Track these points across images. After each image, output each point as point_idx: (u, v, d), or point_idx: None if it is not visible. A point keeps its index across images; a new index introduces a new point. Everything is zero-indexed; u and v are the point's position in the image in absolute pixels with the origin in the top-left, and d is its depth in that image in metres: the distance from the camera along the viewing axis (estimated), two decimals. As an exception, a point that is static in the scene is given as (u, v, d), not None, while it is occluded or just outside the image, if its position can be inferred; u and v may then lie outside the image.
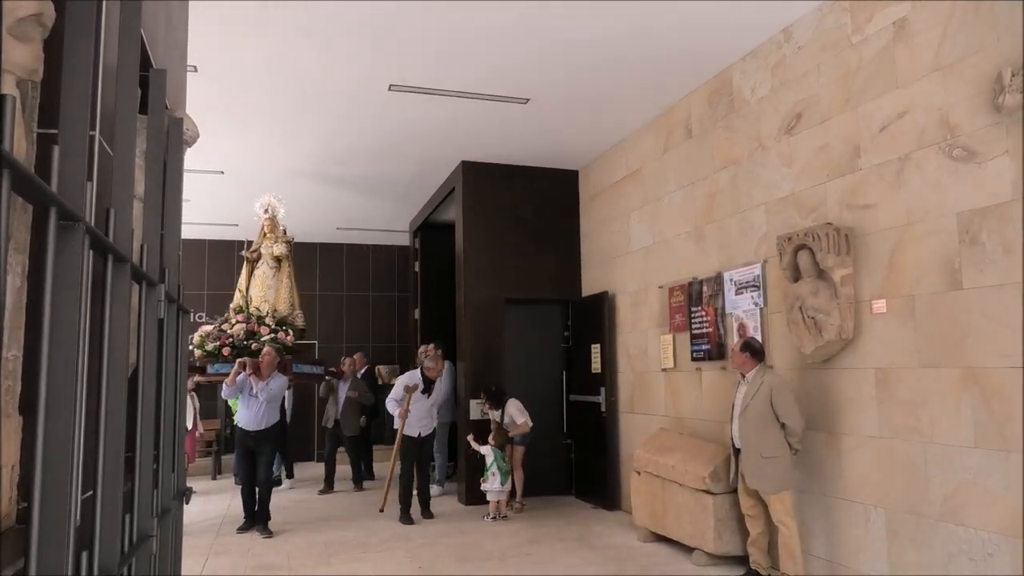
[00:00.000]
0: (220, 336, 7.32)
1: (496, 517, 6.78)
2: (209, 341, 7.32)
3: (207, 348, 7.31)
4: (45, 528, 0.93)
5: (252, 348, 7.15)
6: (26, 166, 0.82)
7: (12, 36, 1.30)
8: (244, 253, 8.07)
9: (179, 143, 2.10)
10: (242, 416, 6.57)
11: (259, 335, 7.36)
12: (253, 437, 6.54)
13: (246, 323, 7.44)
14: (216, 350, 7.27)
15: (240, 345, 7.23)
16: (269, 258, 7.97)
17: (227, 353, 7.22)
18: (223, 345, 7.22)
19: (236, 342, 7.25)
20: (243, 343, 7.25)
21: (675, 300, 6.24)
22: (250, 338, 7.31)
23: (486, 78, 5.78)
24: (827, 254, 4.35)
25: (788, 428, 4.40)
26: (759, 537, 4.65)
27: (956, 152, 3.75)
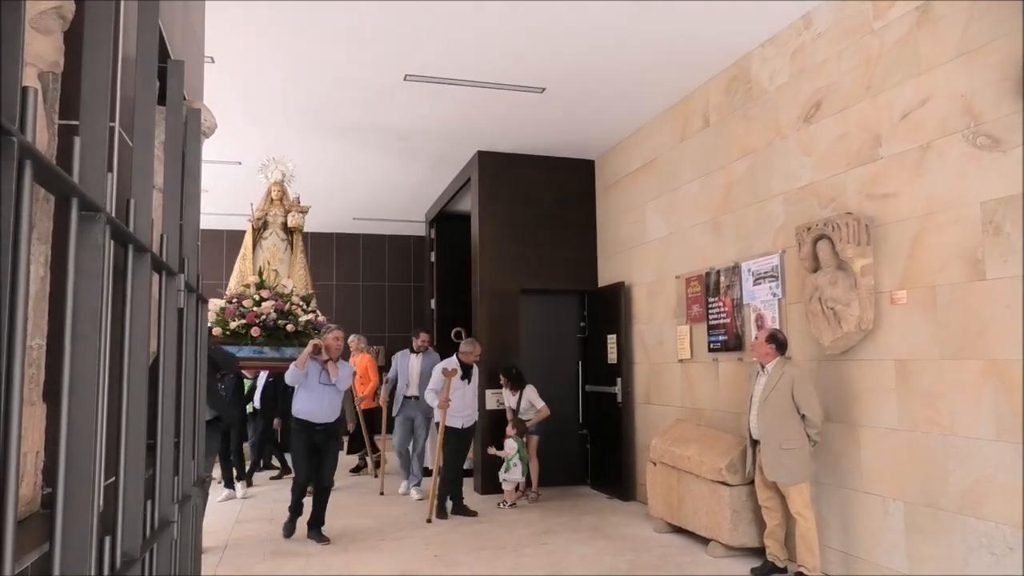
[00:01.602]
0: (246, 314, 6.31)
1: (514, 504, 6.84)
2: (233, 319, 6.33)
3: (232, 327, 6.34)
4: (69, 513, 0.95)
5: (288, 330, 6.31)
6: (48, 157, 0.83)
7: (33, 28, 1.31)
8: (249, 219, 7.15)
9: (197, 134, 2.11)
10: (306, 407, 5.71)
11: (294, 315, 6.41)
12: (321, 431, 5.73)
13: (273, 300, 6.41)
14: (243, 330, 6.30)
15: (271, 326, 6.30)
16: (279, 229, 7.05)
17: (256, 334, 6.31)
18: (251, 325, 6.25)
19: (268, 322, 6.28)
20: (276, 324, 6.31)
21: (692, 291, 6.21)
22: (283, 318, 6.35)
23: (502, 67, 5.76)
24: (847, 244, 4.31)
25: (808, 420, 4.38)
26: (776, 529, 4.64)
27: (980, 140, 3.69)
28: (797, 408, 4.39)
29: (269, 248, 7.04)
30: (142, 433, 1.36)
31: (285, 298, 6.52)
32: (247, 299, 6.38)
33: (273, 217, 7.07)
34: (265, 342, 6.37)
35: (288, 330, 6.33)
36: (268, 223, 7.07)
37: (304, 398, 5.74)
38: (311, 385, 5.71)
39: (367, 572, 4.85)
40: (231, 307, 6.36)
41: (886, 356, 4.22)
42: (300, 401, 5.75)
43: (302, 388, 5.74)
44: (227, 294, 6.57)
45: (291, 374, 5.66)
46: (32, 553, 1.25)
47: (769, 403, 4.46)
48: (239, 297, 6.43)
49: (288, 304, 6.46)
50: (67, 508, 0.94)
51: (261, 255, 6.97)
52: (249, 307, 6.34)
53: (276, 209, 7.08)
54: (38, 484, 1.39)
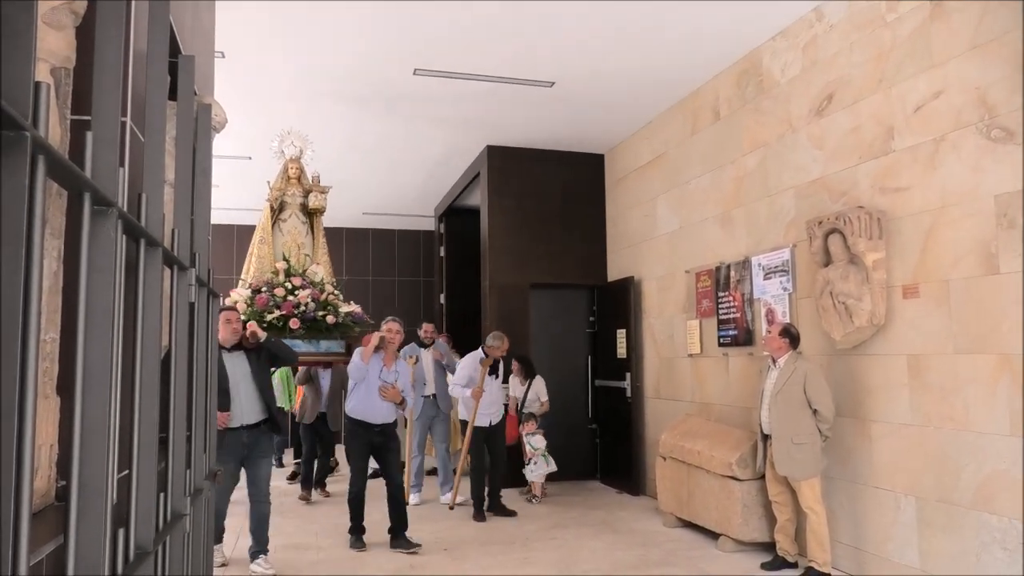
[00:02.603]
0: (280, 304, 5.65)
1: (540, 498, 6.85)
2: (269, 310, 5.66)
3: (269, 319, 5.68)
4: (83, 506, 0.96)
5: (328, 322, 5.73)
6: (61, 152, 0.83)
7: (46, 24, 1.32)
8: (267, 198, 6.46)
9: (208, 129, 2.12)
10: (364, 406, 5.23)
11: (334, 306, 5.81)
12: (379, 432, 5.26)
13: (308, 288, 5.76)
14: (280, 322, 5.63)
15: (311, 317, 5.68)
16: (298, 210, 6.39)
17: (296, 326, 5.72)
18: (289, 316, 5.59)
19: (307, 313, 5.64)
20: (315, 315, 5.69)
21: (702, 285, 6.19)
22: (323, 309, 5.73)
23: (511, 62, 5.74)
24: (858, 238, 4.28)
25: (820, 414, 4.36)
26: (786, 524, 4.63)
27: (994, 133, 3.65)
28: (809, 403, 4.37)
29: (289, 231, 6.36)
30: (154, 426, 1.37)
31: (318, 286, 5.91)
32: (278, 287, 5.72)
33: (291, 197, 6.39)
34: (304, 336, 5.76)
35: (328, 322, 5.71)
36: (286, 204, 6.38)
37: (361, 397, 5.23)
38: (371, 383, 5.22)
39: (377, 565, 4.87)
40: (263, 296, 5.62)
41: (898, 351, 4.20)
42: (357, 400, 5.25)
43: (359, 387, 5.24)
44: (252, 282, 5.86)
45: (355, 370, 5.18)
46: (47, 545, 1.26)
47: (781, 398, 4.45)
48: (269, 285, 5.75)
49: (324, 293, 5.85)
50: (81, 501, 0.95)
51: (280, 239, 6.30)
52: (282, 296, 5.67)
53: (294, 189, 6.42)
54: (52, 477, 1.41)
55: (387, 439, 5.31)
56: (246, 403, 4.60)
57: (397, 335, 5.34)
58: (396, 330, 5.35)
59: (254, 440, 4.67)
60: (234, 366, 4.63)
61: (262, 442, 4.73)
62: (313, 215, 6.50)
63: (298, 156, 6.48)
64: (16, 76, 0.73)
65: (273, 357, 4.85)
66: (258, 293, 5.65)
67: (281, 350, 4.88)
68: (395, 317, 5.47)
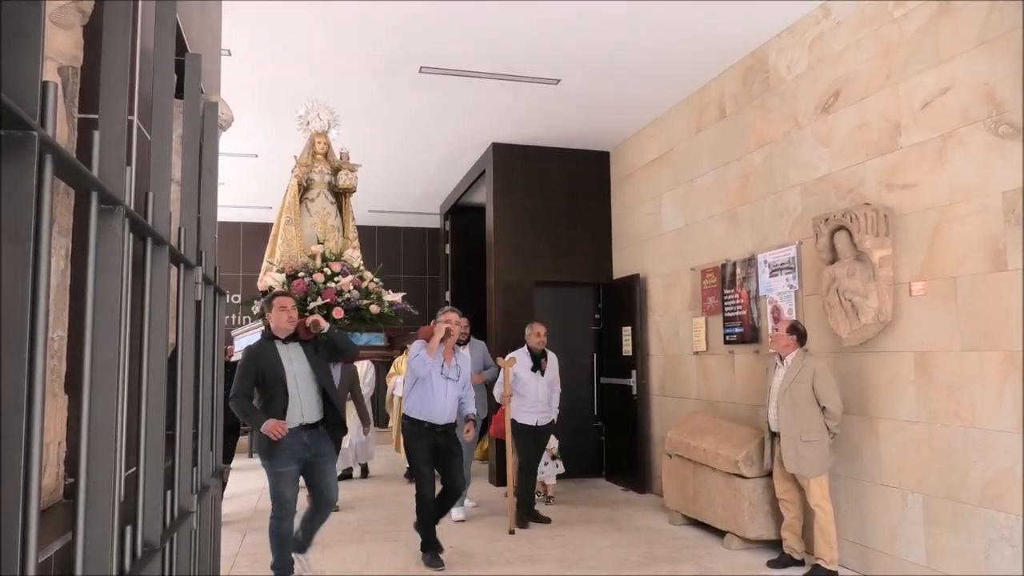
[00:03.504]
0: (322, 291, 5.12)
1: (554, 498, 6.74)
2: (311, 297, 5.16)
3: (311, 308, 5.21)
4: (91, 503, 0.96)
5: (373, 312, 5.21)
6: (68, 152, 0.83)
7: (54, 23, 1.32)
8: (293, 172, 5.79)
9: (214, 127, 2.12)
10: (425, 405, 4.80)
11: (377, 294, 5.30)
12: (443, 432, 4.85)
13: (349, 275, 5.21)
14: (325, 311, 5.08)
15: (354, 306, 5.15)
16: (326, 190, 5.79)
17: (339, 316, 5.29)
18: (332, 305, 5.02)
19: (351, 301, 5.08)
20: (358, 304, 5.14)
21: (707, 283, 6.18)
22: (366, 297, 5.22)
23: (517, 59, 5.74)
24: (865, 235, 4.26)
25: (828, 412, 4.35)
26: (793, 521, 4.62)
27: (1002, 129, 3.63)
28: (817, 400, 4.36)
29: (318, 212, 5.75)
30: (161, 424, 1.37)
31: (357, 272, 5.36)
32: (316, 273, 5.14)
33: (319, 175, 5.80)
34: (347, 327, 5.29)
35: (372, 312, 5.15)
36: (312, 182, 5.78)
37: (422, 395, 4.81)
38: (433, 379, 4.80)
39: (384, 563, 4.88)
40: (300, 282, 4.99)
41: (905, 348, 4.18)
42: (417, 399, 4.83)
43: (421, 384, 4.81)
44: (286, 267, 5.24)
45: (421, 365, 4.75)
46: (55, 542, 1.27)
47: (789, 395, 4.44)
48: (306, 271, 5.17)
49: (365, 281, 5.33)
50: (89, 498, 0.96)
51: (308, 220, 5.71)
52: (322, 283, 5.11)
53: (322, 165, 5.82)
54: (60, 474, 1.41)
55: (450, 441, 4.88)
56: (306, 400, 4.13)
57: (457, 326, 4.93)
58: (456, 321, 4.94)
59: (315, 441, 4.17)
60: (290, 360, 4.16)
61: (324, 443, 4.24)
62: (343, 195, 5.93)
63: (325, 130, 5.88)
64: (24, 75, 0.73)
65: (333, 350, 4.32)
66: (294, 278, 5.05)
67: (343, 342, 4.35)
68: (453, 307, 5.08)
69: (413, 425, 4.85)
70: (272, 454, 4.01)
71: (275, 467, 4.05)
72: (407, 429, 4.93)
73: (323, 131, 5.89)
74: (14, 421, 0.71)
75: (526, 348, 6.04)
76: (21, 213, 0.72)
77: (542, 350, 6.03)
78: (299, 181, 5.76)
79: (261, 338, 4.22)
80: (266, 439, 3.99)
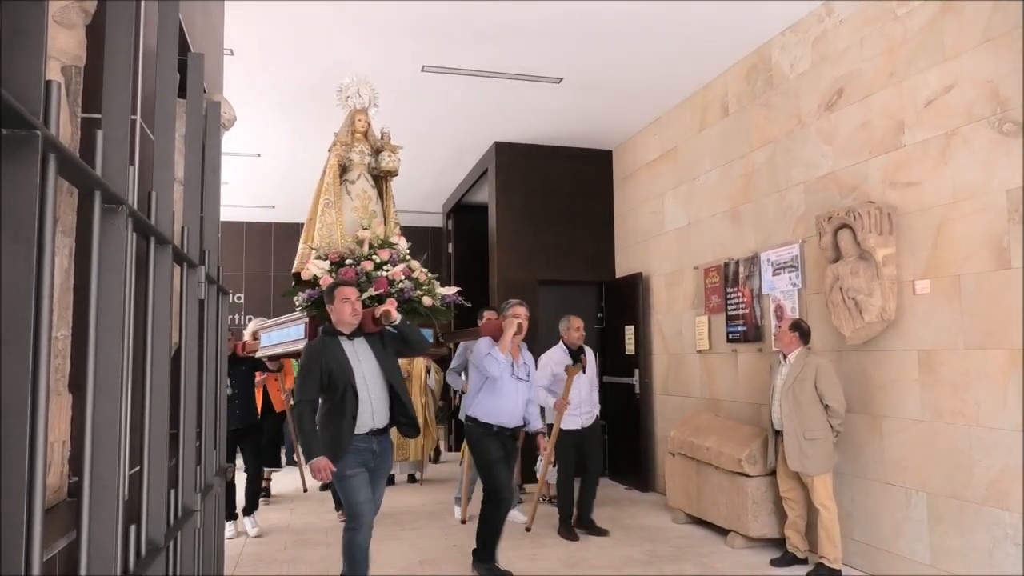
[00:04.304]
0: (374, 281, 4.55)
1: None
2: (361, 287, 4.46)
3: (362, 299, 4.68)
4: (95, 502, 0.96)
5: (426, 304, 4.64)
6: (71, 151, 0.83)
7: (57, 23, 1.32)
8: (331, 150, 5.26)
9: (217, 126, 2.12)
10: (498, 408, 4.41)
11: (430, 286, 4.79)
12: (511, 437, 4.53)
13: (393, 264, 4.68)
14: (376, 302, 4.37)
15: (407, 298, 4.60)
16: (366, 172, 5.23)
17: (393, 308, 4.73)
18: (385, 295, 4.43)
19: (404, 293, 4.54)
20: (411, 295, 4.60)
21: (710, 281, 6.17)
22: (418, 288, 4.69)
23: (519, 58, 5.74)
24: (868, 233, 4.25)
25: (831, 410, 4.35)
26: (797, 520, 4.61)
27: (1007, 127, 3.62)
28: (820, 398, 4.36)
29: (359, 195, 5.16)
30: (165, 423, 1.38)
31: (404, 260, 4.82)
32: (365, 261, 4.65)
33: (359, 155, 5.24)
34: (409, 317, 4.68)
35: (425, 304, 4.62)
36: (352, 163, 5.22)
37: (493, 397, 4.41)
38: (503, 380, 4.39)
39: (387, 561, 4.89)
40: (349, 270, 4.47)
41: (909, 346, 4.17)
42: (487, 401, 4.43)
43: (491, 384, 4.42)
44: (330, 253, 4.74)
45: (494, 364, 4.32)
46: (60, 541, 1.27)
47: (792, 393, 4.43)
48: (354, 257, 4.66)
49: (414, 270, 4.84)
50: (93, 496, 0.96)
51: (348, 203, 5.15)
52: (371, 271, 4.57)
53: (362, 145, 5.27)
54: (65, 473, 1.42)
55: (514, 447, 4.59)
56: (376, 403, 3.67)
57: (525, 316, 4.50)
58: (525, 315, 4.52)
59: (382, 450, 3.75)
60: (357, 358, 3.69)
61: (388, 454, 3.84)
62: (385, 179, 5.43)
63: (366, 106, 5.35)
64: (27, 74, 0.74)
65: (403, 344, 3.86)
66: (340, 266, 4.57)
67: (414, 336, 3.87)
68: (520, 300, 4.66)
69: (481, 428, 4.44)
70: (337, 459, 3.54)
71: (342, 470, 3.57)
72: (474, 432, 4.48)
73: (363, 108, 5.32)
74: (18, 420, 0.71)
75: (562, 345, 5.63)
76: (24, 212, 0.72)
77: (580, 345, 5.63)
78: (339, 160, 5.20)
79: (322, 334, 3.74)
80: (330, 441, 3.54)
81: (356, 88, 5.30)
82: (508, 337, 4.36)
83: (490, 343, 4.41)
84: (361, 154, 5.24)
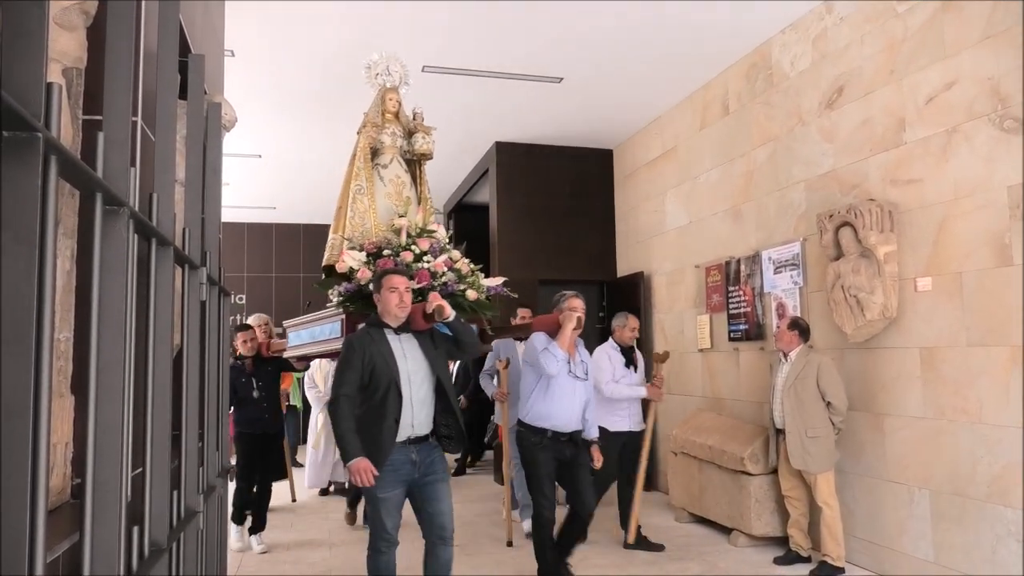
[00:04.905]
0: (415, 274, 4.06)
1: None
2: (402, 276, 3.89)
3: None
4: (98, 503, 0.96)
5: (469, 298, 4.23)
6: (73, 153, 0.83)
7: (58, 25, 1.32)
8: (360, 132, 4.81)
9: (218, 128, 2.12)
10: (553, 410, 4.00)
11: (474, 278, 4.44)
12: (569, 441, 4.06)
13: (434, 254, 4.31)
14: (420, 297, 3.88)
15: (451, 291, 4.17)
16: (399, 155, 4.79)
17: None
18: (428, 288, 3.97)
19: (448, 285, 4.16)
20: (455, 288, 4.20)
21: (712, 280, 6.17)
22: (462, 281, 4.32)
23: (519, 58, 5.73)
24: (870, 231, 4.25)
25: (833, 407, 4.35)
26: (800, 518, 4.61)
27: (1008, 124, 3.62)
28: (822, 396, 4.36)
29: (392, 180, 4.71)
30: (167, 424, 1.38)
31: (445, 251, 4.45)
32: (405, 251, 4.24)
33: (390, 137, 4.78)
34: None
35: (469, 298, 4.22)
36: (383, 146, 4.77)
37: (547, 399, 4.01)
38: (559, 379, 3.99)
39: (390, 561, 4.88)
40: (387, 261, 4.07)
41: (911, 344, 4.17)
42: (540, 403, 4.03)
43: (544, 385, 4.03)
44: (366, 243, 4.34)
45: (552, 361, 3.93)
46: (63, 543, 1.27)
47: (794, 391, 4.43)
48: (392, 248, 4.27)
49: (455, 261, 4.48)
50: (96, 498, 0.96)
51: (381, 189, 4.69)
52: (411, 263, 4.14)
53: (394, 127, 4.83)
54: (68, 475, 1.42)
55: (578, 451, 4.07)
56: (419, 407, 3.26)
57: (581, 308, 4.10)
58: (583, 308, 4.11)
59: (425, 457, 3.30)
60: (404, 355, 3.28)
61: (436, 459, 3.35)
62: (418, 162, 4.98)
63: (396, 85, 4.90)
64: (28, 77, 0.74)
65: (454, 344, 3.46)
66: (378, 257, 4.19)
67: (467, 335, 3.45)
68: (575, 292, 4.27)
69: (534, 435, 4.01)
70: (376, 467, 3.11)
71: (375, 491, 3.16)
72: (526, 440, 4.06)
73: (394, 86, 4.88)
74: (21, 422, 0.71)
75: (612, 343, 5.19)
76: (26, 214, 0.72)
77: (631, 345, 5.25)
78: (371, 143, 4.77)
79: (367, 325, 3.36)
80: (369, 445, 3.13)
81: (386, 65, 4.88)
82: (568, 331, 3.94)
83: (546, 339, 4.02)
84: (393, 136, 4.81)
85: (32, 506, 0.71)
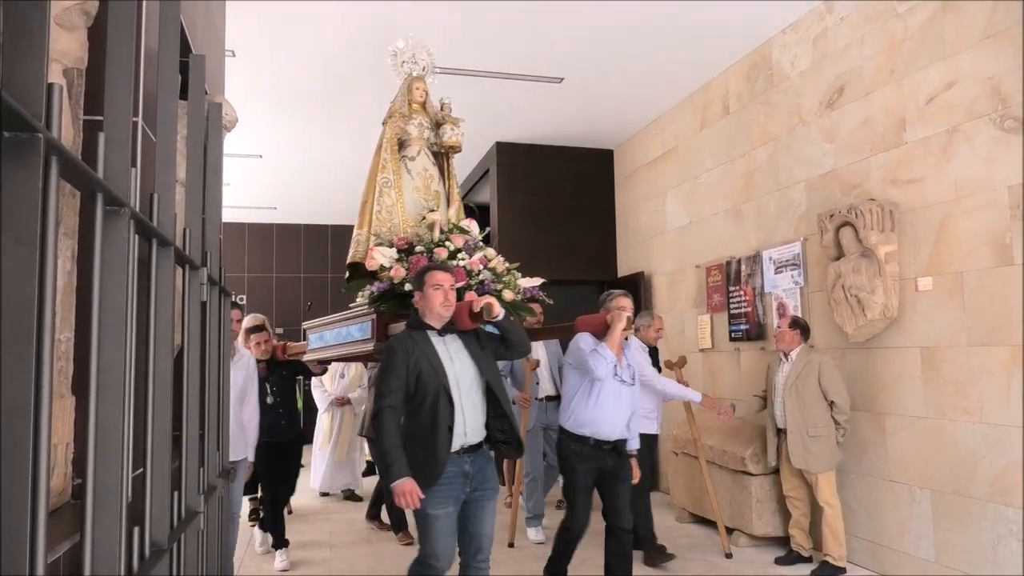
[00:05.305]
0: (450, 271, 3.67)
1: None
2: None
3: None
4: (98, 504, 0.96)
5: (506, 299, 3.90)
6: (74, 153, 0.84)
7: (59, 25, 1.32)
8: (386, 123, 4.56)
9: (218, 128, 2.12)
10: (598, 416, 3.70)
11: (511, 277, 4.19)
12: (612, 450, 3.75)
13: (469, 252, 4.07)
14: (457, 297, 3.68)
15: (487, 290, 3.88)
16: (426, 147, 4.55)
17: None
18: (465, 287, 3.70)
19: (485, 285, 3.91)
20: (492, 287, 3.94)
21: (712, 280, 6.16)
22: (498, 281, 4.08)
23: (520, 58, 5.73)
24: (870, 231, 4.25)
25: (836, 406, 4.35)
26: (801, 518, 4.61)
27: (1008, 123, 3.62)
28: (825, 395, 4.36)
29: (419, 173, 4.47)
30: (168, 424, 1.38)
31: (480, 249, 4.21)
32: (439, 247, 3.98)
33: (417, 128, 4.53)
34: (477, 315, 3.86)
35: (506, 299, 3.91)
36: (410, 138, 4.50)
37: (590, 404, 3.71)
38: (605, 383, 3.69)
39: (391, 563, 4.89)
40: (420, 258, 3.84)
41: (912, 343, 4.17)
42: (583, 409, 3.73)
43: (587, 390, 3.74)
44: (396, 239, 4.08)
45: (601, 364, 3.61)
46: (64, 543, 1.27)
47: (795, 391, 4.43)
48: (424, 244, 4.02)
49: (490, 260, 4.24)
50: (97, 498, 0.96)
51: (409, 183, 4.43)
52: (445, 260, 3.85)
53: (421, 118, 4.58)
54: (68, 475, 1.42)
55: (621, 462, 3.77)
56: (470, 414, 3.01)
57: (629, 307, 3.86)
58: (631, 308, 3.88)
59: (479, 470, 3.04)
60: (450, 358, 3.03)
61: (488, 472, 3.09)
62: (446, 155, 4.79)
63: (423, 74, 4.64)
64: (29, 77, 0.74)
65: (504, 342, 3.20)
66: (410, 253, 3.94)
67: (516, 335, 3.20)
68: (624, 291, 4.03)
69: (574, 443, 3.73)
70: (429, 484, 2.86)
71: (427, 507, 2.88)
72: (566, 449, 3.78)
73: (421, 75, 4.62)
74: (22, 422, 0.71)
75: (640, 343, 5.00)
76: (27, 215, 0.72)
77: (654, 346, 5.08)
78: (399, 134, 4.51)
79: (408, 327, 3.12)
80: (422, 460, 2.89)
81: (412, 52, 4.60)
82: (618, 332, 3.65)
83: (593, 340, 3.74)
84: (420, 127, 4.56)
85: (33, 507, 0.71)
